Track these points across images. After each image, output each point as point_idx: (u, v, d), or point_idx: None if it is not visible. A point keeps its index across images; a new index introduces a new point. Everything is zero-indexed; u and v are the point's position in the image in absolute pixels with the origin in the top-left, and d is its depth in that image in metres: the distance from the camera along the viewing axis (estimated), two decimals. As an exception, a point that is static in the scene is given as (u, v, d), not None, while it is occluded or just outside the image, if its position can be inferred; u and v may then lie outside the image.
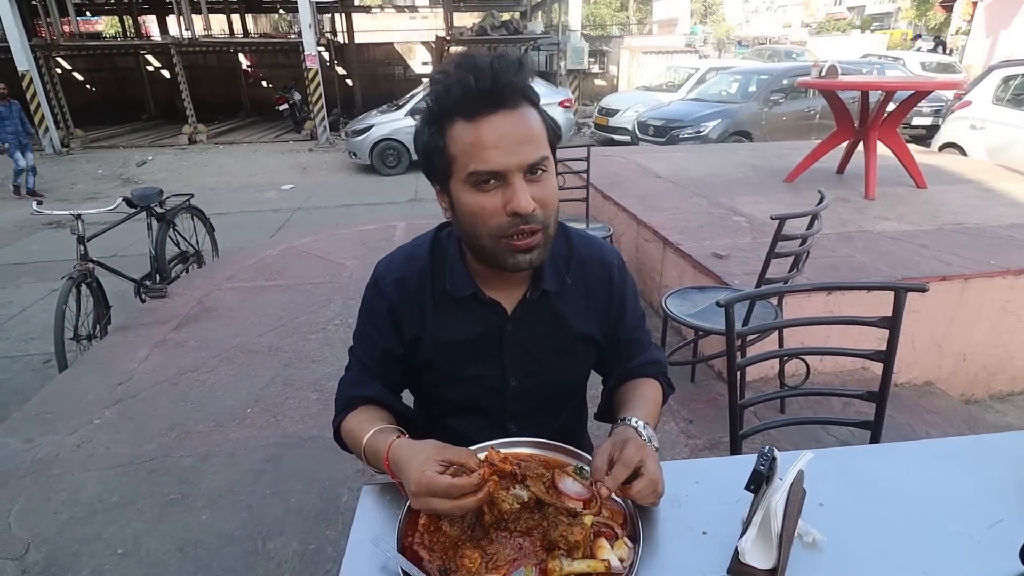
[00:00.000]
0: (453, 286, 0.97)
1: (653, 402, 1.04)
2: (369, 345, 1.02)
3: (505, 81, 0.81)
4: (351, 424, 0.98)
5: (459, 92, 0.81)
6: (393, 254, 1.05)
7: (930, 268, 2.82)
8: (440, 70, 0.85)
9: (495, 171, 0.82)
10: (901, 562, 0.79)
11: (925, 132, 9.45)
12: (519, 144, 0.82)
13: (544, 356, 1.03)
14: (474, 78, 0.80)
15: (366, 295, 1.04)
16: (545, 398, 1.07)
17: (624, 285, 1.07)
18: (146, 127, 15.80)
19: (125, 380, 2.94)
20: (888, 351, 1.31)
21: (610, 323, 1.07)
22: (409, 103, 9.47)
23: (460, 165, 0.84)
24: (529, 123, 0.84)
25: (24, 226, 6.74)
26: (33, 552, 1.94)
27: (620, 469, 0.82)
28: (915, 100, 4.23)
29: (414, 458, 0.80)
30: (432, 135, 0.87)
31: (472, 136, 0.82)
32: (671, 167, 5.18)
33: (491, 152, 0.81)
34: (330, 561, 1.88)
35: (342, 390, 1.04)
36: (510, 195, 0.83)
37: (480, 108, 0.82)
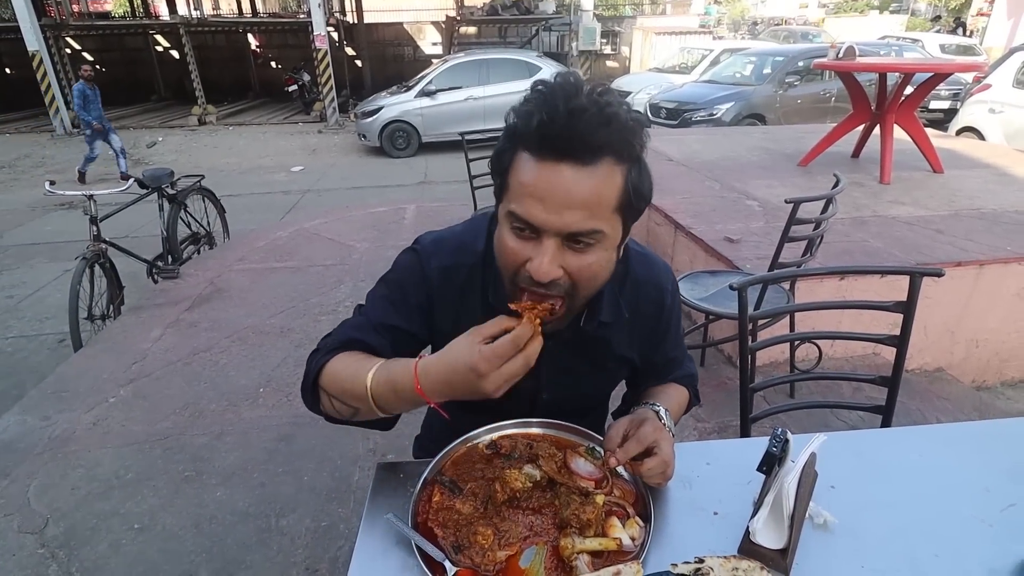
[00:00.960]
0: (496, 297, 0.90)
1: (677, 402, 1.03)
2: (387, 314, 0.93)
3: (580, 132, 0.70)
4: (346, 361, 0.86)
5: (524, 119, 0.73)
6: (443, 235, 0.97)
7: (945, 254, 2.78)
8: (542, 81, 0.76)
9: (530, 223, 0.74)
10: (912, 544, 0.79)
11: (943, 116, 9.26)
12: (566, 207, 0.72)
13: (581, 374, 1.00)
14: (546, 113, 0.71)
15: (401, 267, 0.95)
16: (572, 408, 1.05)
17: (673, 309, 1.03)
18: (156, 108, 15.79)
19: (139, 360, 2.98)
20: (902, 336, 1.30)
21: (651, 345, 1.03)
22: (419, 84, 9.40)
23: (509, 196, 0.77)
24: (593, 187, 0.72)
25: (37, 207, 6.79)
26: (52, 527, 1.99)
27: (633, 444, 0.82)
28: (934, 83, 4.14)
29: (458, 357, 0.72)
30: (504, 149, 0.78)
31: (526, 176, 0.74)
32: (683, 150, 5.12)
33: (533, 202, 0.73)
34: (342, 538, 1.92)
35: (343, 330, 0.93)
36: (535, 253, 0.75)
37: (544, 152, 0.72)
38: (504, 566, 0.75)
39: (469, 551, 0.76)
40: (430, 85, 9.30)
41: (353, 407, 0.83)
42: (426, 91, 9.27)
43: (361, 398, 0.80)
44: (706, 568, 0.70)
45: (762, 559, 0.73)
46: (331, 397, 0.85)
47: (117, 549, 1.90)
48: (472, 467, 0.89)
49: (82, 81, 7.76)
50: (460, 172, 3.84)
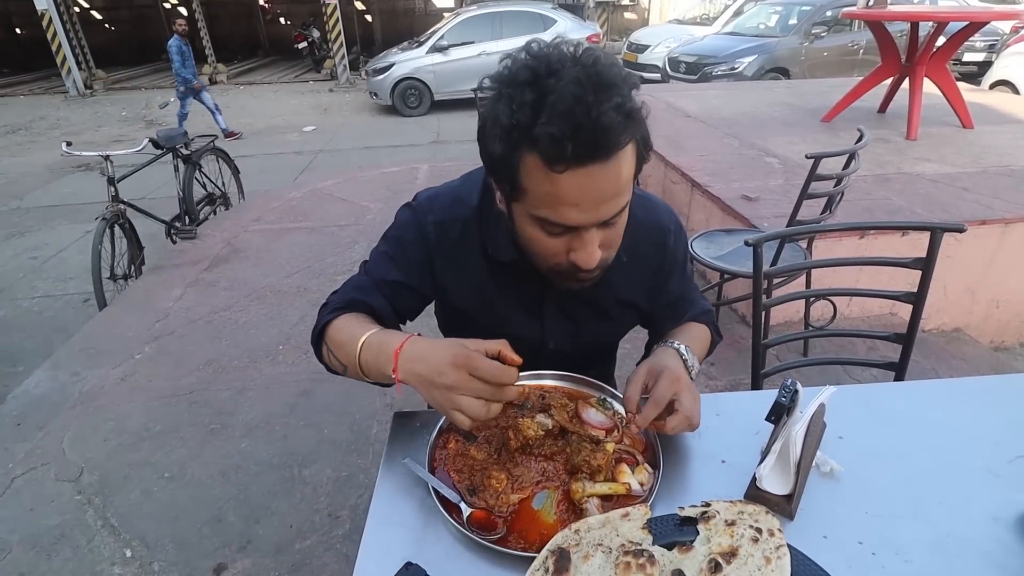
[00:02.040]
0: (495, 249, 0.91)
1: (699, 340, 1.02)
2: (386, 270, 0.95)
3: (608, 139, 0.68)
4: (347, 322, 0.90)
5: (548, 142, 0.67)
6: (438, 190, 0.98)
7: (970, 212, 2.72)
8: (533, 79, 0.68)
9: (569, 226, 0.74)
10: (917, 492, 0.81)
11: (976, 69, 8.85)
12: (601, 202, 0.72)
13: (584, 320, 1.01)
14: (572, 133, 0.66)
15: (400, 223, 0.97)
16: (580, 357, 1.05)
17: (677, 249, 1.02)
18: (166, 67, 15.61)
19: (162, 318, 3.06)
20: (919, 292, 1.29)
21: (657, 287, 1.03)
22: (431, 39, 9.17)
23: (531, 202, 0.75)
24: (619, 174, 0.72)
25: (55, 169, 6.85)
26: (87, 475, 2.09)
27: (651, 407, 0.81)
28: (968, 32, 3.95)
29: (444, 346, 0.73)
30: (506, 152, 0.72)
31: (551, 186, 0.70)
32: (702, 106, 4.99)
33: (568, 209, 0.72)
34: (362, 487, 1.99)
35: (346, 290, 0.96)
36: (577, 246, 0.76)
37: (566, 164, 0.68)
38: (517, 508, 0.78)
39: (483, 494, 0.79)
40: (442, 40, 9.08)
41: (343, 363, 0.87)
42: (438, 47, 9.06)
43: (351, 357, 0.83)
44: (712, 511, 0.72)
45: (767, 504, 0.75)
46: (330, 351, 0.90)
47: (149, 496, 2.00)
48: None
49: (177, 36, 7.30)
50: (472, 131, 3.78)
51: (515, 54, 0.72)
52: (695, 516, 0.72)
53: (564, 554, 0.67)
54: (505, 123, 0.71)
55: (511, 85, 0.71)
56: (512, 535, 0.75)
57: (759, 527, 0.70)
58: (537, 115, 0.68)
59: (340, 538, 1.83)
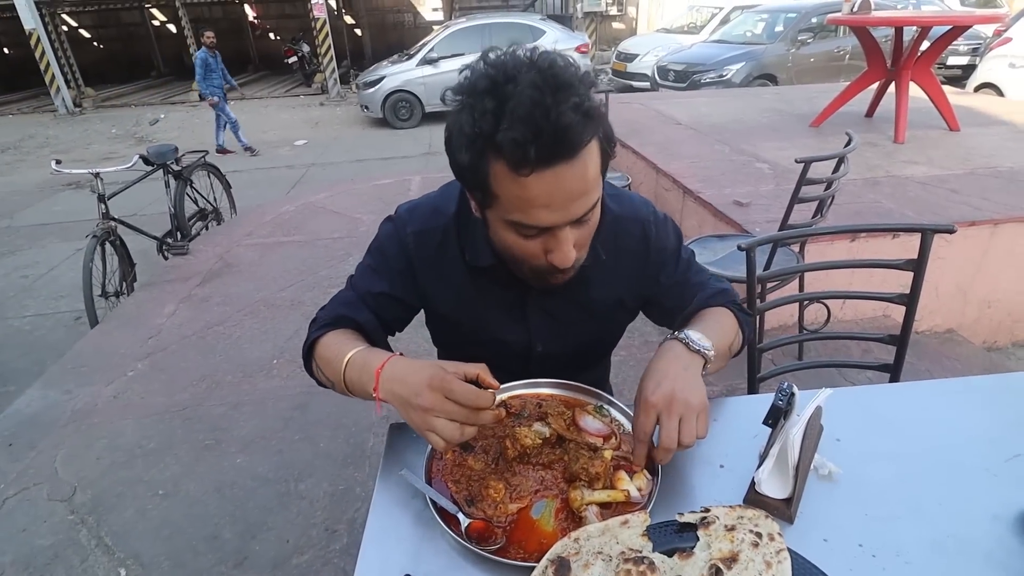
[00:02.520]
0: (473, 255, 0.93)
1: (716, 322, 0.95)
2: (371, 283, 0.97)
3: (571, 141, 0.69)
4: (335, 339, 0.91)
5: (510, 148, 0.69)
6: (417, 202, 1.00)
7: (959, 213, 2.74)
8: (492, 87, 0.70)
9: (542, 228, 0.76)
10: (916, 493, 0.81)
11: (960, 72, 8.99)
12: (570, 201, 0.74)
13: (571, 321, 1.00)
14: (533, 137, 0.67)
15: (382, 236, 0.99)
16: (570, 360, 1.04)
17: (663, 236, 1.00)
18: (156, 85, 15.67)
19: (154, 334, 3.03)
20: (912, 294, 1.30)
21: (647, 279, 1.00)
22: (421, 52, 9.23)
23: (502, 207, 0.76)
24: (585, 172, 0.73)
25: (45, 187, 6.83)
26: (80, 494, 2.06)
27: (639, 448, 0.80)
28: (952, 36, 4.01)
29: (423, 368, 0.75)
30: (473, 160, 0.74)
31: (519, 190, 0.72)
32: (692, 113, 5.03)
33: (539, 211, 0.74)
34: (359, 500, 1.98)
35: (333, 306, 0.98)
36: (553, 247, 0.78)
37: (531, 167, 0.70)
38: (515, 518, 0.78)
39: (481, 504, 0.78)
40: (432, 53, 9.13)
41: (331, 380, 0.89)
42: (428, 59, 9.11)
43: (337, 374, 0.85)
44: (712, 517, 0.72)
45: (767, 508, 0.75)
46: (319, 367, 0.92)
47: (143, 514, 1.97)
48: (483, 426, 0.91)
49: (204, 49, 7.25)
50: (465, 141, 3.77)
51: (474, 64, 0.74)
52: (695, 522, 0.72)
53: (564, 563, 0.66)
54: (469, 132, 0.72)
55: (471, 95, 0.72)
56: (511, 545, 0.74)
57: (759, 531, 0.69)
58: (498, 122, 0.69)
59: (337, 552, 1.81)
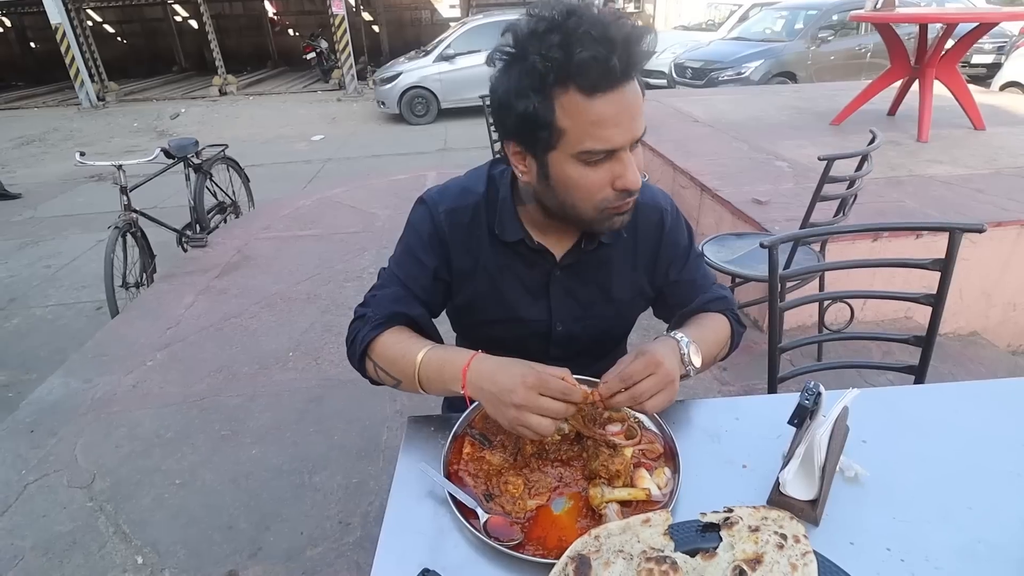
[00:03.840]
0: (501, 230, 0.96)
1: (711, 330, 1.00)
2: (414, 267, 0.99)
3: (639, 52, 0.76)
4: (394, 338, 0.94)
5: (589, 67, 0.73)
6: (446, 185, 1.02)
7: (985, 214, 2.68)
8: (553, 26, 0.74)
9: (614, 149, 0.79)
10: (944, 498, 0.79)
11: (985, 71, 8.79)
12: (634, 117, 0.78)
13: (591, 302, 1.02)
14: (608, 51, 0.73)
15: (415, 219, 1.01)
16: (589, 343, 1.06)
17: (677, 229, 1.04)
18: (177, 79, 15.87)
19: (173, 325, 3.07)
20: (939, 294, 1.27)
21: (660, 268, 1.04)
22: (437, 48, 9.23)
23: (571, 140, 0.79)
24: (639, 93, 0.79)
25: (68, 179, 6.94)
26: (99, 482, 2.09)
27: (614, 381, 0.79)
28: (978, 34, 3.93)
29: (516, 364, 0.79)
30: (538, 104, 0.77)
31: (594, 114, 0.76)
32: (710, 111, 4.98)
33: (611, 131, 0.77)
34: (372, 494, 1.98)
35: (383, 304, 0.98)
36: (620, 171, 0.80)
37: (606, 86, 0.75)
38: (534, 514, 0.77)
39: (500, 499, 0.78)
40: (448, 49, 9.13)
41: (396, 379, 0.92)
42: (444, 55, 9.11)
43: (408, 373, 0.88)
44: (735, 517, 0.70)
45: (792, 510, 0.73)
46: (378, 367, 0.94)
47: (161, 503, 1.99)
48: None
49: None
50: (480, 138, 3.77)
51: (514, 23, 0.78)
52: (717, 522, 0.71)
53: (584, 560, 0.66)
54: (539, 68, 0.75)
55: (531, 39, 0.76)
56: (530, 541, 0.74)
57: (784, 533, 0.68)
58: (571, 49, 0.73)
59: (351, 545, 1.81)
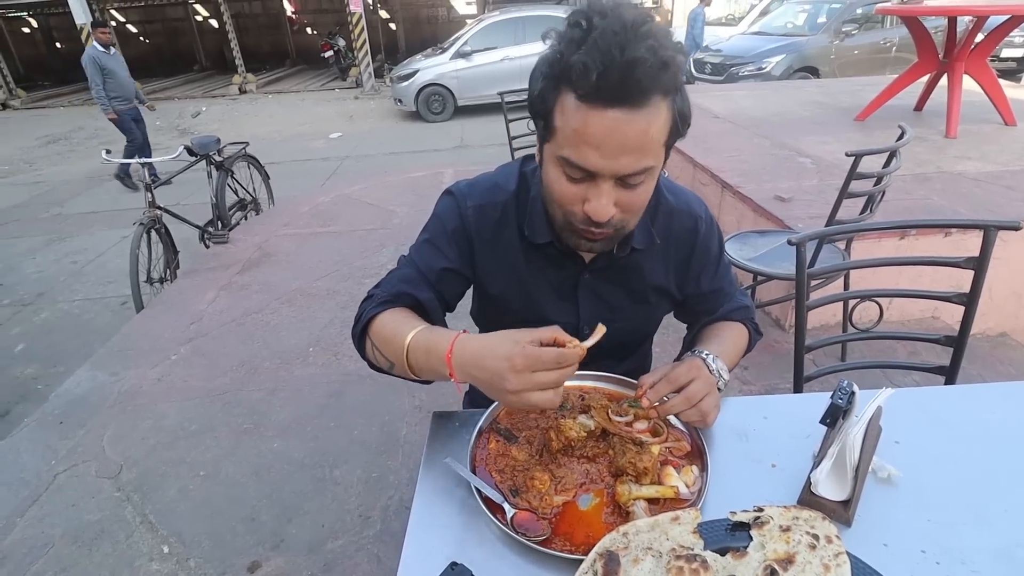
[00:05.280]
0: (531, 231, 0.93)
1: (732, 343, 1.02)
2: (433, 257, 0.96)
3: (638, 81, 0.69)
4: (392, 318, 0.89)
5: (580, 73, 0.70)
6: (476, 180, 1.00)
7: (1016, 211, 2.62)
8: (583, 18, 0.72)
9: (586, 170, 0.75)
10: (979, 500, 0.77)
11: (1015, 66, 8.57)
12: (622, 152, 0.73)
13: (619, 305, 1.01)
14: (602, 64, 0.68)
15: (441, 210, 0.98)
16: (615, 345, 1.03)
17: (710, 237, 1.02)
18: (198, 78, 16.10)
19: (196, 320, 3.12)
20: (972, 293, 1.24)
21: (690, 275, 1.03)
22: (454, 46, 9.24)
23: (558, 141, 0.77)
24: (646, 129, 0.72)
25: (94, 176, 7.09)
26: (125, 472, 2.14)
27: (664, 384, 0.85)
28: (1010, 27, 3.82)
29: (500, 343, 0.72)
30: (546, 89, 0.76)
31: (578, 123, 0.73)
32: (730, 107, 4.91)
33: (589, 150, 0.73)
34: (392, 488, 2.00)
35: (392, 283, 0.95)
36: (592, 196, 0.77)
37: (597, 98, 0.71)
38: (561, 510, 0.77)
39: (527, 495, 0.78)
40: (465, 46, 9.13)
41: (389, 360, 0.87)
42: (461, 52, 9.12)
43: (399, 354, 0.83)
44: (766, 516, 0.70)
45: (823, 510, 0.72)
46: (374, 347, 0.90)
47: (185, 494, 2.03)
48: (526, 417, 0.91)
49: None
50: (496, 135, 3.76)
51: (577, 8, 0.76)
52: (748, 521, 0.70)
53: (613, 557, 0.65)
54: (551, 58, 0.75)
55: (565, 25, 0.74)
56: (557, 537, 0.73)
57: (816, 533, 0.67)
58: (578, 48, 0.71)
59: (371, 539, 1.83)
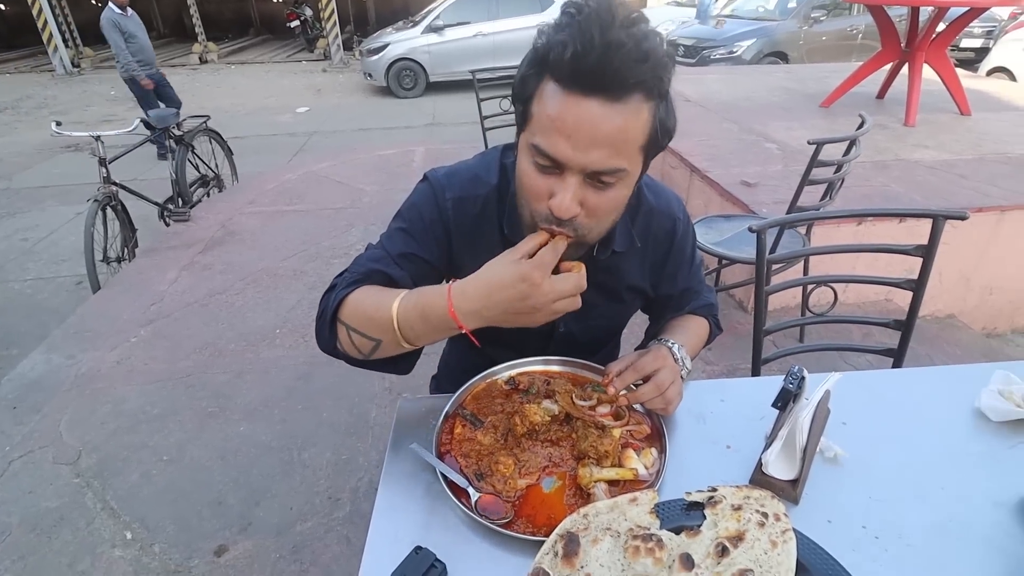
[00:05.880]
0: (511, 228, 0.90)
1: (695, 334, 1.04)
2: (405, 245, 0.91)
3: (615, 68, 0.67)
4: (368, 293, 0.83)
5: (557, 51, 0.68)
6: (455, 168, 0.95)
7: (967, 199, 2.73)
8: (574, 6, 0.70)
9: (555, 159, 0.72)
10: (919, 477, 0.82)
11: (973, 55, 8.84)
12: (593, 145, 0.70)
13: (594, 304, 0.99)
14: (580, 45, 0.66)
15: (418, 199, 0.94)
16: (587, 341, 1.07)
17: (686, 238, 1.03)
18: (155, 46, 15.31)
19: (157, 301, 3.03)
20: (920, 279, 1.30)
21: (665, 275, 1.03)
22: (426, 19, 9.03)
23: (532, 127, 0.75)
24: (622, 126, 0.70)
25: (44, 149, 6.74)
26: (85, 458, 2.09)
27: (630, 373, 0.87)
28: (969, 18, 3.94)
29: (499, 272, 0.72)
30: (528, 75, 0.74)
31: (553, 109, 0.71)
32: (701, 90, 4.96)
33: (560, 139, 0.71)
34: (361, 470, 2.00)
35: (360, 264, 0.91)
36: (558, 190, 0.74)
37: (574, 85, 0.69)
38: (524, 493, 0.79)
39: (491, 479, 0.79)
40: (437, 20, 8.94)
41: (374, 339, 0.80)
42: (433, 27, 8.92)
43: (386, 327, 0.77)
44: (719, 496, 0.73)
45: (773, 489, 0.76)
46: (351, 331, 0.82)
47: (148, 479, 2.00)
48: (492, 402, 0.92)
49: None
50: (469, 113, 3.70)
51: None
52: (702, 501, 0.73)
53: (573, 538, 0.68)
54: (537, 46, 0.73)
55: (560, 14, 0.72)
56: (520, 519, 0.75)
57: (765, 512, 0.70)
58: (561, 32, 0.69)
59: (340, 520, 1.84)
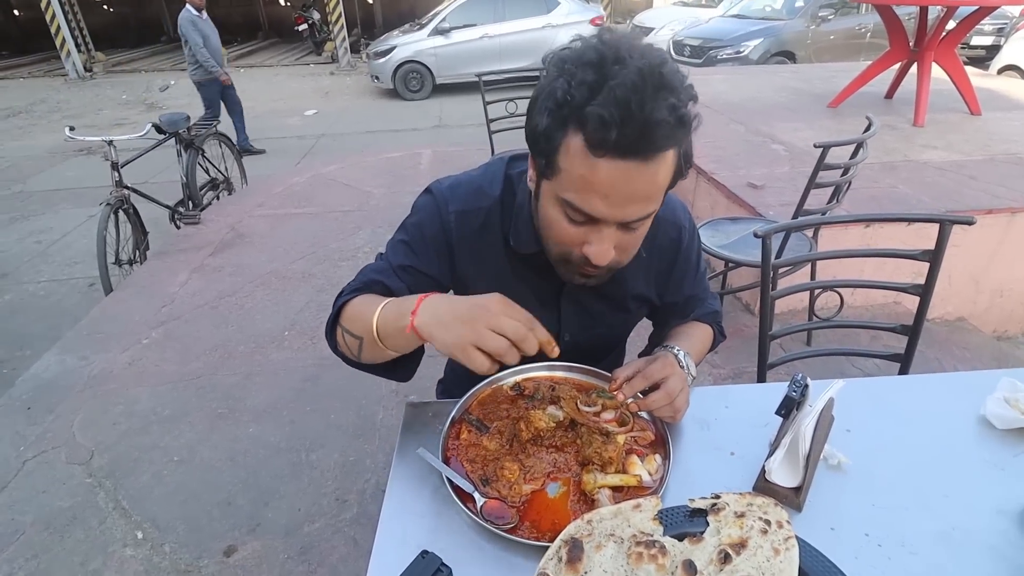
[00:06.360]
0: (516, 240, 0.91)
1: (700, 341, 1.05)
2: (406, 258, 0.93)
3: (653, 138, 0.68)
4: (365, 299, 0.87)
5: (597, 124, 0.67)
6: (459, 180, 0.96)
7: (976, 201, 2.71)
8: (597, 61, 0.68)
9: (590, 216, 0.74)
10: (923, 485, 0.82)
11: (984, 53, 8.75)
12: (630, 201, 0.72)
13: (600, 313, 1.02)
14: (620, 119, 0.66)
15: (419, 213, 0.95)
16: (592, 348, 1.07)
17: (691, 246, 1.03)
18: (166, 49, 15.49)
19: (168, 303, 3.07)
20: (927, 285, 1.29)
21: (671, 283, 1.04)
22: (432, 22, 9.06)
23: (561, 182, 0.74)
24: (655, 179, 0.72)
25: (57, 152, 6.82)
26: (97, 458, 2.12)
27: (639, 380, 0.86)
28: (979, 17, 3.90)
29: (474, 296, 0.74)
30: (551, 128, 0.72)
31: (586, 169, 0.70)
32: (707, 91, 4.94)
33: (596, 199, 0.72)
34: (369, 472, 2.02)
35: (364, 274, 0.94)
36: (594, 240, 0.76)
37: (608, 151, 0.68)
38: (529, 498, 0.80)
39: (496, 484, 0.80)
40: (444, 23, 8.96)
41: (358, 336, 0.83)
42: (440, 29, 8.95)
43: (367, 328, 0.80)
44: (722, 503, 0.73)
45: (776, 496, 0.76)
46: (344, 332, 0.87)
47: (160, 479, 2.03)
48: (497, 407, 0.93)
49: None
50: (475, 115, 3.70)
51: (587, 38, 0.73)
52: (705, 508, 0.73)
53: (577, 544, 0.68)
54: (559, 98, 0.70)
55: (576, 64, 0.70)
56: (525, 525, 0.76)
57: (768, 519, 0.71)
58: (593, 96, 0.67)
59: (348, 522, 1.86)
